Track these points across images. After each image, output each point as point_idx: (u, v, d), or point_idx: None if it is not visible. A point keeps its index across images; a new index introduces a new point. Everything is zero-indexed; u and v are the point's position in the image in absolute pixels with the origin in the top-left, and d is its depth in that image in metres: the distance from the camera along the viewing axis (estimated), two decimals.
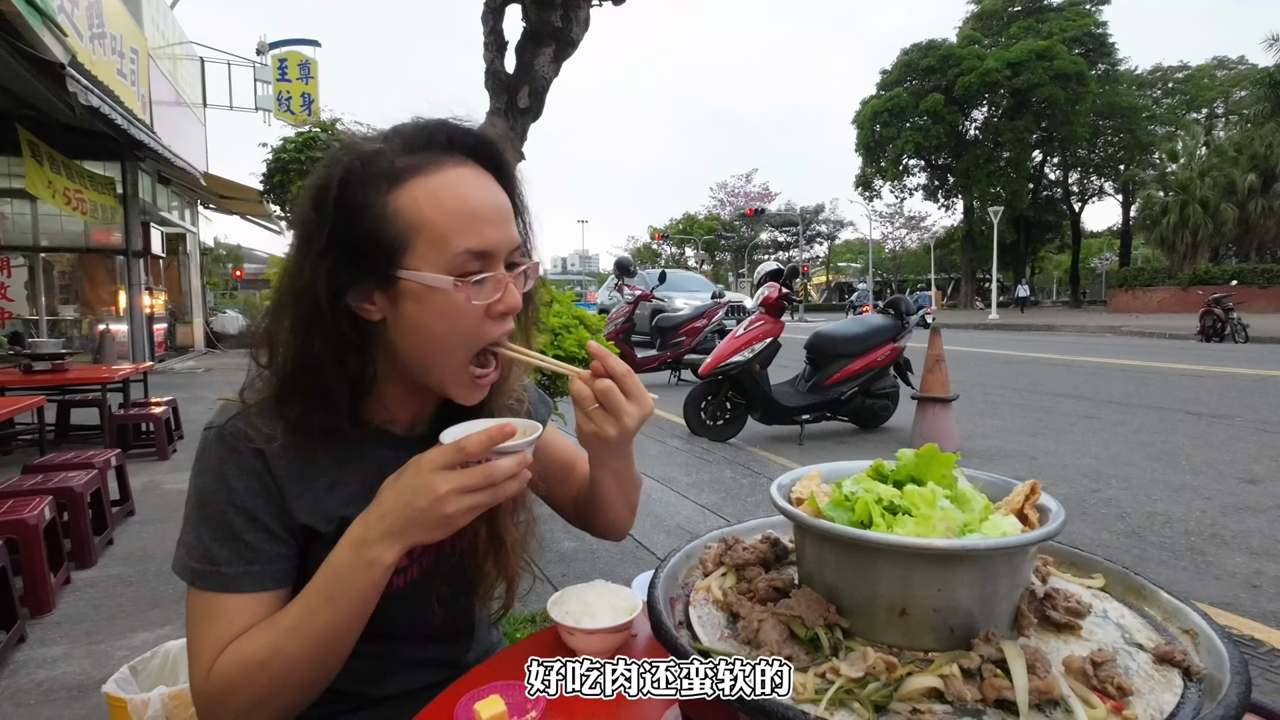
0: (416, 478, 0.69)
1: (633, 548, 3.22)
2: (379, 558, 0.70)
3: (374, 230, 0.73)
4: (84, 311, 11.53)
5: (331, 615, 0.71)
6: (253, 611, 0.75)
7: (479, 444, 0.68)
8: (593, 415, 0.81)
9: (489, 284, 0.75)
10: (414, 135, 0.76)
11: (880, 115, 38.69)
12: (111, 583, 2.99)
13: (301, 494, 0.78)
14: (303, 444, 0.78)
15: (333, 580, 0.71)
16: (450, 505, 0.68)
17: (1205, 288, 23.50)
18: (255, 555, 0.76)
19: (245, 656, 0.71)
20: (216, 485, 0.76)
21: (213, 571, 0.74)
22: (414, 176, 0.73)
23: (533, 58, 2.39)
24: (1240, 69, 38.89)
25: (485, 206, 0.75)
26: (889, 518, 0.61)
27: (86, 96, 6.33)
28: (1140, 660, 0.59)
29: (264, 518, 0.76)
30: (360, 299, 0.75)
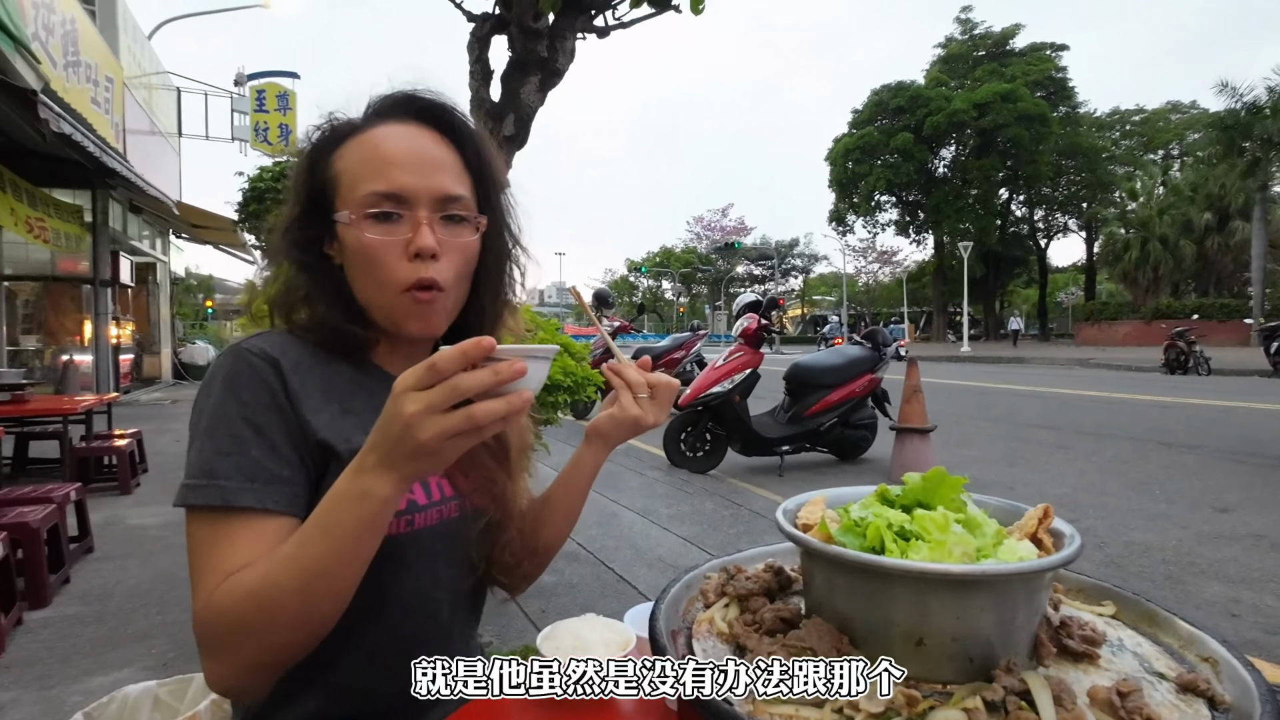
0: (390, 402, 0.61)
1: (613, 581, 3.16)
2: (372, 489, 0.63)
3: (321, 183, 0.83)
4: (48, 341, 11.22)
5: (325, 547, 0.65)
6: (254, 534, 0.72)
7: (450, 359, 0.59)
8: (640, 402, 0.86)
9: (399, 224, 0.79)
10: (376, 103, 0.86)
11: (852, 153, 39.67)
12: (67, 623, 2.85)
13: (318, 411, 0.79)
14: (317, 368, 0.82)
15: (329, 510, 0.66)
16: (422, 430, 0.59)
17: (1168, 321, 24.20)
18: (257, 470, 0.73)
19: (238, 584, 0.68)
20: (225, 396, 0.76)
21: (210, 486, 0.72)
22: (355, 135, 0.83)
23: (518, 86, 2.41)
24: (1193, 113, 40.60)
25: (399, 153, 0.80)
26: (901, 543, 0.59)
27: (58, 123, 6.23)
28: (1163, 690, 0.57)
29: (272, 433, 0.75)
30: (329, 247, 0.85)
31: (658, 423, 0.88)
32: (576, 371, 2.24)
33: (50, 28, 7.16)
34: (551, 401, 2.20)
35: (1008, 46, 41.01)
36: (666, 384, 0.88)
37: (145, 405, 10.70)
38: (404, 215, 0.79)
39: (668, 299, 59.49)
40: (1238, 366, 15.49)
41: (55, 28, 7.30)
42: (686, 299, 59.16)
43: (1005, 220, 41.22)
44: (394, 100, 0.85)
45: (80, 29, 8.12)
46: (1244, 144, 25.72)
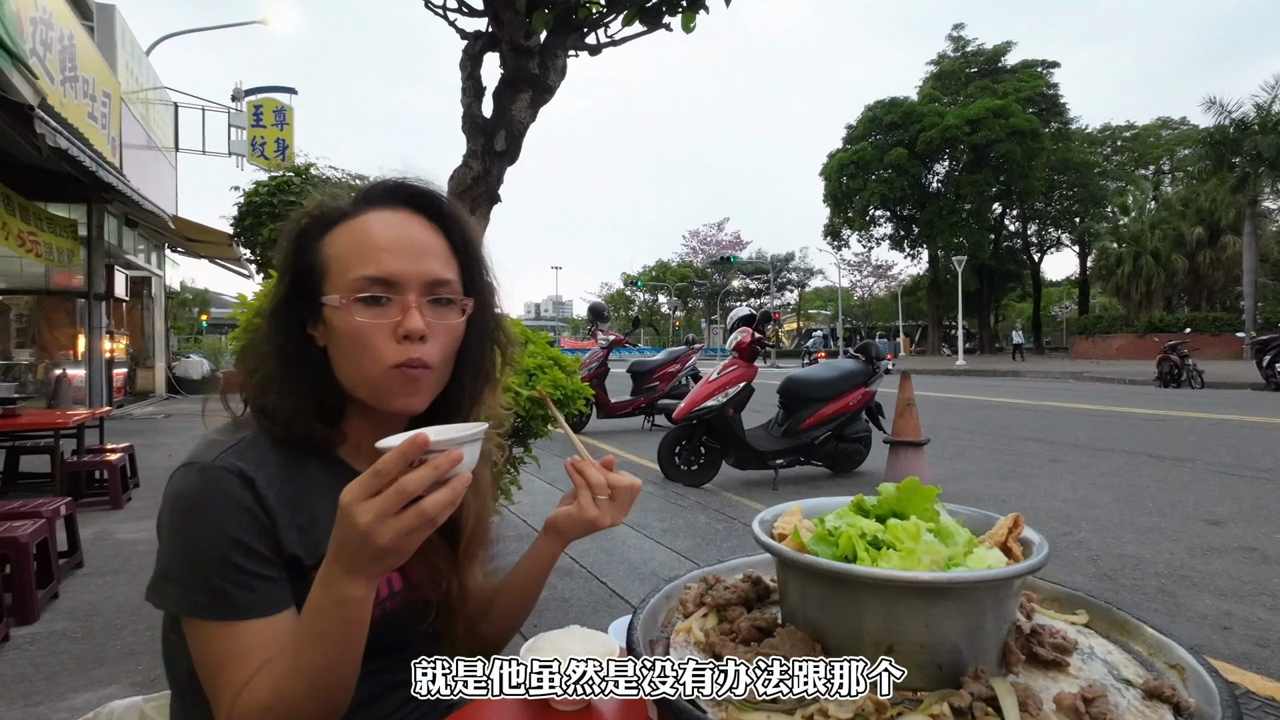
0: (341, 513, 0.66)
1: (606, 596, 3.15)
2: (345, 594, 0.68)
3: (310, 267, 0.84)
4: (41, 355, 11.18)
5: (319, 653, 0.71)
6: (265, 638, 0.75)
7: (391, 462, 0.63)
8: (599, 503, 0.88)
9: (389, 307, 0.81)
10: (365, 190, 0.88)
11: (846, 168, 39.94)
12: (54, 639, 2.82)
13: (289, 526, 0.80)
14: (286, 478, 0.82)
15: (313, 620, 0.71)
16: (381, 536, 0.64)
17: (1161, 335, 24.31)
18: (259, 582, 0.77)
19: (256, 701, 0.72)
20: (208, 524, 0.77)
21: (221, 603, 0.75)
22: (344, 221, 0.84)
23: (510, 103, 2.44)
24: (1183, 129, 41.05)
25: (389, 239, 0.82)
26: (873, 552, 0.60)
27: (55, 138, 6.26)
28: (1130, 696, 0.58)
29: (259, 547, 0.77)
30: (312, 328, 0.85)
31: (615, 524, 0.90)
32: (567, 385, 2.26)
33: (48, 43, 7.21)
34: (541, 415, 2.21)
35: (1000, 64, 41.48)
36: (628, 486, 0.89)
37: (138, 419, 10.65)
38: (393, 299, 0.81)
39: (663, 313, 59.66)
40: (1230, 380, 15.57)
41: (53, 43, 7.35)
42: (682, 313, 59.28)
43: (999, 235, 41.49)
44: (383, 188, 0.87)
45: (78, 45, 8.17)
46: (1233, 160, 26.02)
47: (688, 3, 2.71)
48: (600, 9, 2.75)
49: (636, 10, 2.72)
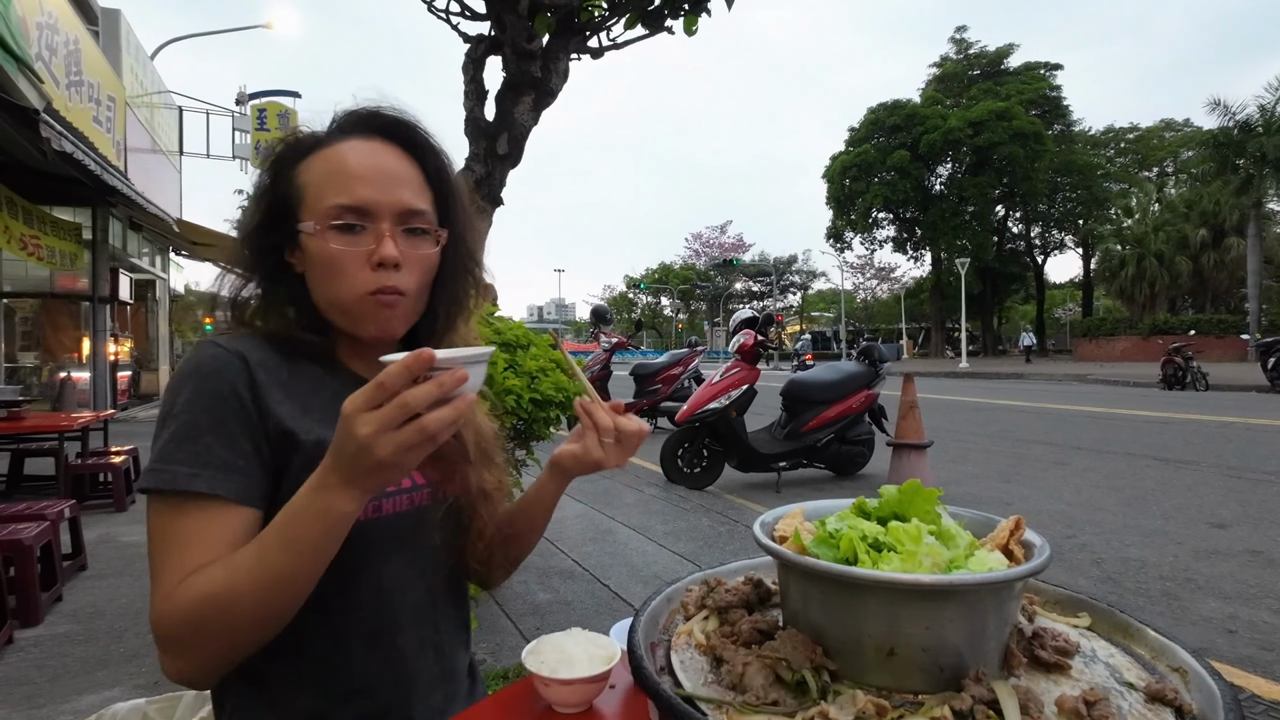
0: (342, 425, 0.64)
1: (608, 598, 3.15)
2: (334, 505, 0.66)
3: (286, 194, 0.84)
4: (45, 358, 11.22)
5: (286, 560, 0.68)
6: (210, 524, 0.73)
7: (395, 375, 0.61)
8: (605, 446, 0.87)
9: (363, 235, 0.81)
10: (340, 118, 0.88)
11: (849, 170, 39.92)
12: (57, 641, 2.83)
13: (280, 404, 0.80)
14: (283, 366, 0.84)
15: (289, 524, 0.68)
16: (380, 448, 0.62)
17: (1165, 337, 24.24)
18: (210, 457, 0.75)
19: (198, 589, 0.70)
20: (187, 385, 0.77)
21: (164, 470, 0.73)
22: (318, 149, 0.85)
23: (512, 106, 2.44)
24: (1186, 131, 40.99)
25: (364, 168, 0.82)
26: (874, 554, 0.60)
27: (60, 142, 6.28)
28: (1132, 700, 0.57)
29: (230, 423, 0.76)
30: (291, 255, 0.86)
31: (619, 466, 0.91)
32: (569, 387, 2.26)
33: (54, 48, 7.25)
34: (544, 417, 2.22)
35: (1002, 66, 41.46)
36: (636, 431, 0.89)
37: (142, 422, 10.68)
38: (367, 227, 0.81)
39: (666, 315, 59.64)
40: (1235, 382, 15.51)
41: (59, 48, 7.39)
42: (685, 315, 59.29)
43: (1002, 237, 41.42)
44: (357, 116, 0.87)
45: (83, 49, 8.21)
46: (1237, 161, 25.96)
47: (689, 6, 2.72)
48: (602, 12, 2.76)
49: (638, 13, 2.72)
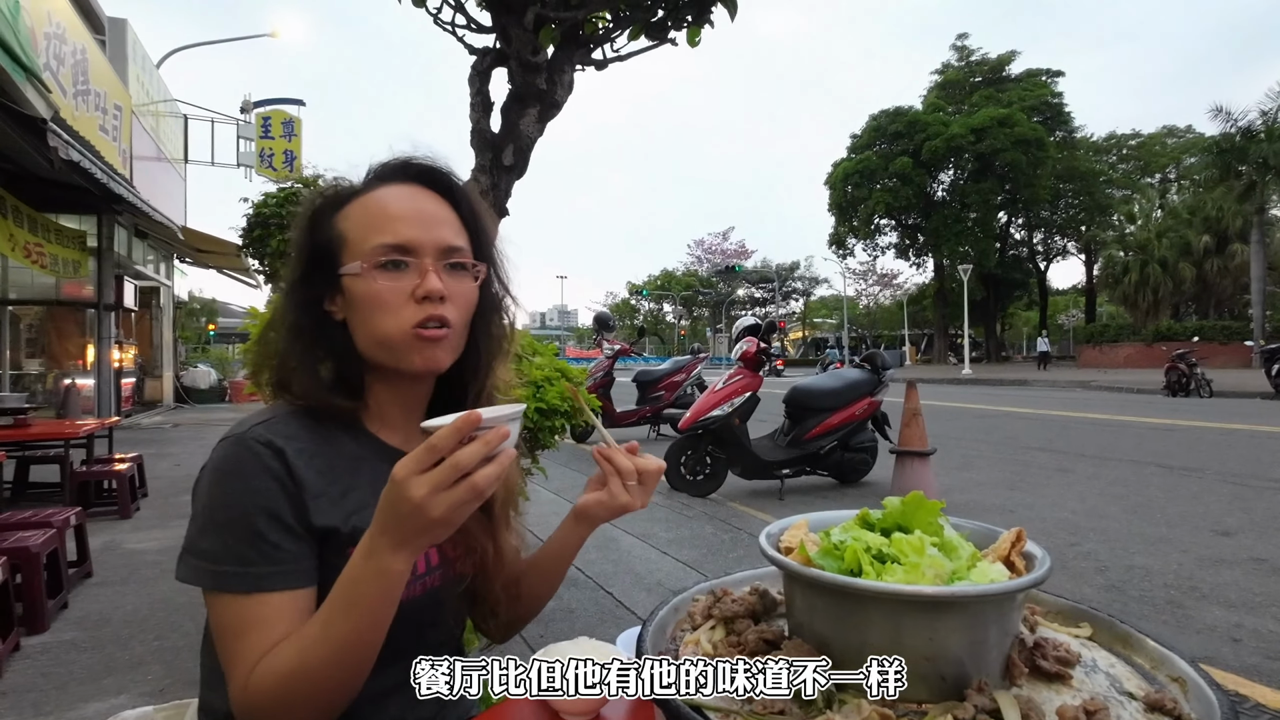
0: (393, 488, 0.68)
1: (612, 606, 3.15)
2: (388, 566, 0.70)
3: (326, 244, 0.87)
4: (50, 365, 11.27)
5: (348, 625, 0.72)
6: (285, 611, 0.77)
7: (445, 438, 0.66)
8: (630, 489, 0.90)
9: (408, 272, 0.84)
10: (376, 169, 0.91)
11: (851, 177, 39.98)
12: (64, 649, 2.84)
13: (319, 495, 0.82)
14: (318, 451, 0.85)
15: (348, 590, 0.72)
16: (434, 509, 0.66)
17: (1168, 343, 24.20)
18: (282, 554, 0.78)
19: (275, 669, 0.73)
20: (238, 487, 0.79)
21: (242, 573, 0.76)
22: (357, 198, 0.88)
23: (518, 118, 2.46)
24: (1189, 137, 40.98)
25: (405, 210, 0.86)
26: (878, 566, 0.61)
27: (67, 151, 6.34)
28: (1132, 709, 0.58)
29: (286, 517, 0.79)
30: (329, 303, 0.88)
31: (642, 506, 0.93)
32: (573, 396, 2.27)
33: (61, 57, 7.31)
34: (549, 426, 2.23)
35: (1004, 73, 41.53)
36: (655, 470, 0.91)
37: (146, 429, 10.71)
38: (411, 264, 0.84)
39: (669, 322, 59.70)
40: (1239, 389, 15.47)
41: (66, 57, 7.46)
42: (688, 322, 59.34)
43: (1005, 243, 41.41)
44: (392, 166, 0.91)
45: (90, 59, 8.28)
46: (1240, 167, 25.96)
47: (693, 18, 2.74)
48: (606, 24, 2.78)
49: (642, 26, 2.75)
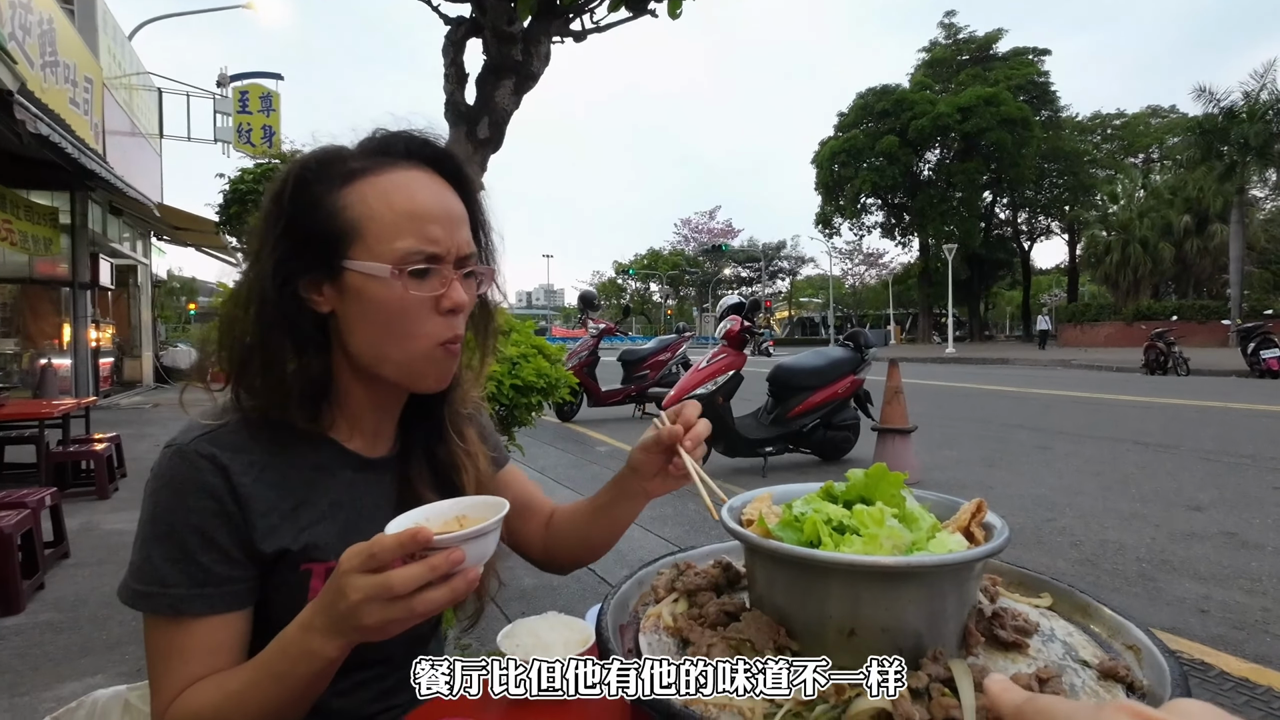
0: (336, 578, 0.63)
1: (594, 582, 3.16)
2: (319, 649, 0.66)
3: (324, 223, 0.76)
4: (25, 345, 11.08)
5: (275, 692, 0.69)
6: (207, 639, 0.73)
7: (386, 550, 0.60)
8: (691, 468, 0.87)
9: (433, 279, 0.77)
10: (372, 142, 0.81)
11: (838, 156, 39.88)
12: (39, 630, 2.82)
13: (267, 513, 0.77)
14: (270, 463, 0.78)
15: (278, 658, 0.69)
16: (365, 616, 0.61)
17: (1148, 323, 24.51)
18: (208, 577, 0.73)
19: (193, 709, 0.70)
20: (172, 503, 0.74)
21: (160, 594, 0.72)
22: (366, 176, 0.77)
23: (493, 90, 2.42)
24: (1172, 117, 41.18)
25: (435, 208, 0.77)
26: (837, 537, 0.61)
27: (35, 125, 6.17)
28: (1085, 676, 0.59)
29: (220, 539, 0.74)
30: (309, 289, 0.78)
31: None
32: (550, 373, 2.26)
33: (27, 27, 7.10)
34: (525, 403, 2.22)
35: (991, 51, 41.44)
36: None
37: (125, 409, 10.58)
38: (434, 271, 0.77)
39: (655, 301, 59.64)
40: (1215, 367, 15.72)
41: (32, 27, 7.24)
42: (674, 301, 59.30)
43: (989, 223, 41.59)
44: (407, 143, 0.81)
45: (58, 29, 8.04)
46: (1221, 148, 26.13)
47: None
48: None
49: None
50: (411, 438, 0.91)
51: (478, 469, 0.92)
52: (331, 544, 0.80)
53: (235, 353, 0.80)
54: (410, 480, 0.89)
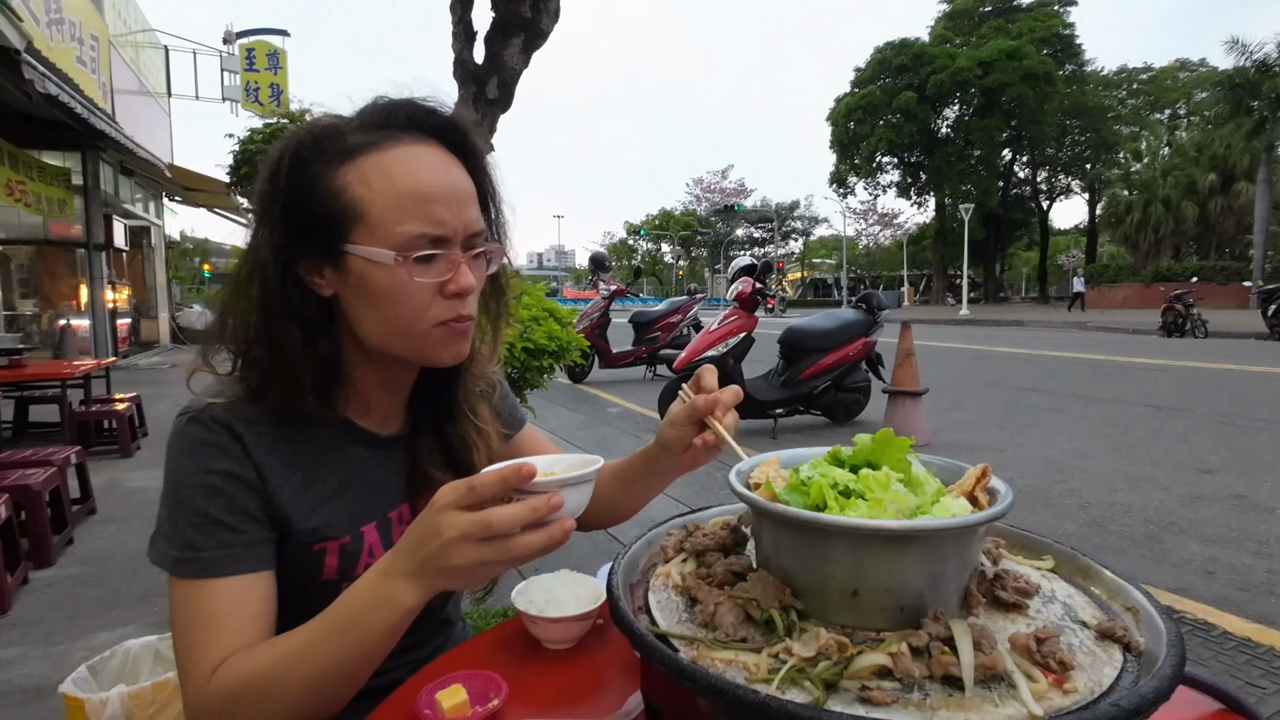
0: (429, 515, 0.62)
1: (605, 540, 3.23)
2: (397, 596, 0.64)
3: (323, 204, 0.73)
4: (44, 306, 11.21)
5: (341, 648, 0.66)
6: (239, 603, 0.72)
7: (489, 484, 0.60)
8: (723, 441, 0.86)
9: (439, 263, 0.75)
10: (372, 114, 0.77)
11: (854, 112, 39.05)
12: (71, 583, 2.92)
13: (282, 486, 0.77)
14: (280, 436, 0.78)
15: (348, 609, 0.67)
16: (457, 556, 0.60)
17: (1167, 284, 24.12)
18: (235, 538, 0.73)
19: (244, 676, 0.68)
20: (192, 468, 0.74)
21: (192, 558, 0.72)
22: (366, 153, 0.74)
23: (501, 48, 2.38)
24: (1201, 71, 39.90)
25: (440, 187, 0.74)
26: (843, 501, 0.62)
27: (44, 84, 6.14)
28: (1083, 637, 0.60)
29: (243, 500, 0.74)
30: (310, 273, 0.76)
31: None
32: (562, 336, 2.27)
33: None
34: (537, 366, 2.24)
35: (1014, 2, 40.05)
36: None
37: (144, 370, 10.74)
38: (441, 255, 0.75)
39: (666, 262, 59.24)
40: (1235, 329, 15.52)
41: None
42: (685, 262, 58.86)
43: (1008, 182, 40.79)
44: (408, 114, 0.77)
45: None
46: (1252, 103, 25.34)
47: None
48: None
49: None
50: (422, 416, 0.90)
51: (489, 447, 0.91)
52: (341, 521, 0.81)
53: (240, 340, 0.79)
54: (420, 458, 0.88)
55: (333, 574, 0.81)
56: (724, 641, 0.59)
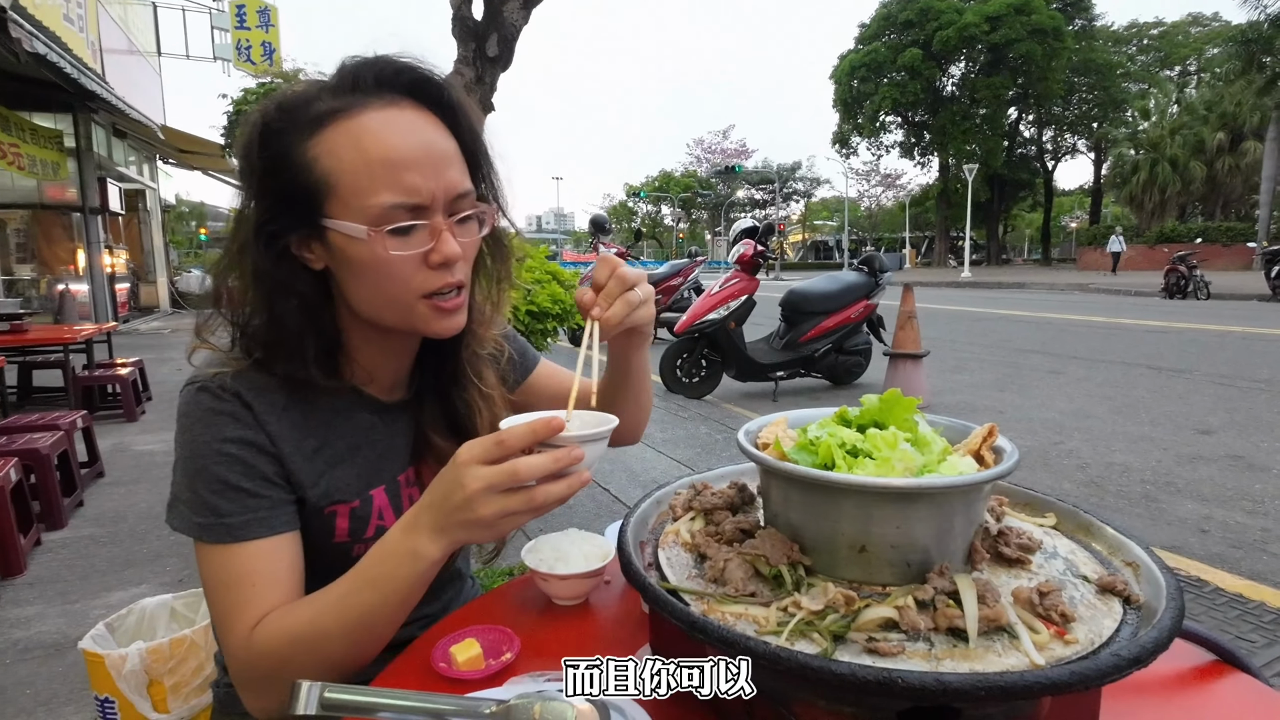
0: (452, 470, 0.64)
1: (608, 501, 3.27)
2: (423, 549, 0.67)
3: (295, 179, 0.71)
4: (42, 271, 11.16)
5: (372, 598, 0.69)
6: (270, 559, 0.74)
7: (518, 437, 0.61)
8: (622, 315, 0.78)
9: (419, 233, 0.72)
10: (340, 77, 0.73)
11: (858, 70, 38.29)
12: (83, 543, 2.97)
13: (293, 452, 0.78)
14: (289, 403, 0.78)
15: (378, 562, 0.69)
16: (482, 507, 0.62)
17: (1171, 245, 23.96)
18: (257, 502, 0.74)
19: (284, 629, 0.70)
20: (207, 436, 0.74)
21: (217, 524, 0.73)
22: (334, 121, 0.71)
23: (501, 4, 2.32)
24: (1214, 26, 39.03)
25: (413, 152, 0.71)
26: (850, 460, 0.63)
27: (31, 43, 6.01)
28: (1085, 590, 0.62)
29: (260, 465, 0.75)
30: (301, 247, 0.75)
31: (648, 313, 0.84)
32: (565, 299, 2.27)
33: None
34: (540, 329, 2.24)
35: None
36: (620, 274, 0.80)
37: (144, 334, 10.74)
38: (420, 225, 0.72)
39: (667, 224, 58.71)
40: (1237, 291, 15.45)
41: None
42: (686, 224, 58.34)
43: (1013, 141, 40.19)
44: (377, 73, 0.73)
45: None
46: (1264, 59, 24.80)
47: None
48: None
49: None
50: (426, 382, 0.90)
51: (493, 412, 0.90)
52: (351, 485, 0.82)
53: (239, 312, 0.79)
54: (424, 424, 0.89)
55: (344, 536, 0.82)
56: (734, 596, 0.60)
